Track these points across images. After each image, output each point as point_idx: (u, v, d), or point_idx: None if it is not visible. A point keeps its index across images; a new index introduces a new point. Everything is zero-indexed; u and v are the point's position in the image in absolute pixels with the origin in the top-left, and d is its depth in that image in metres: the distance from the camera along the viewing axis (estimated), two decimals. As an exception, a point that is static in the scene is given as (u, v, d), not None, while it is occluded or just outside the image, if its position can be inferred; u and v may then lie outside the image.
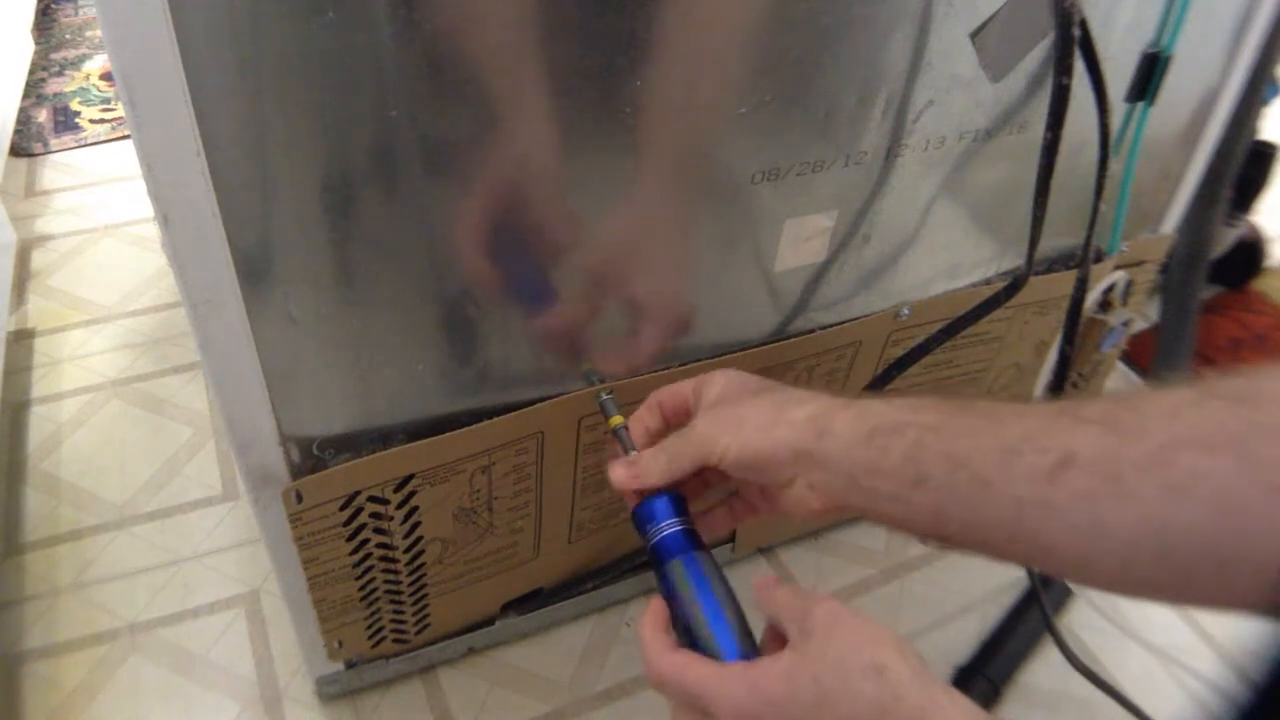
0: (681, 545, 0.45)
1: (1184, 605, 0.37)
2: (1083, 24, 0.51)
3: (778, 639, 0.42)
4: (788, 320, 0.69)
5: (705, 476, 0.50)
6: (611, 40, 0.48)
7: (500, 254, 0.55)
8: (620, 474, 0.50)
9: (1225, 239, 1.16)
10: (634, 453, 0.51)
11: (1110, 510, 0.35)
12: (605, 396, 0.60)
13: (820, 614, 0.39)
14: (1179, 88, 0.70)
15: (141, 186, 0.45)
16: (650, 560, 0.46)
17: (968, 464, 0.39)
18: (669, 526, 0.46)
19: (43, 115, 1.47)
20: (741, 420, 0.46)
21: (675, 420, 0.52)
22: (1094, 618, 0.87)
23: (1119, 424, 0.36)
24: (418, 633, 0.76)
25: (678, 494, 0.48)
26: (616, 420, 0.55)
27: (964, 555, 0.44)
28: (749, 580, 0.44)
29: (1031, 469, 0.37)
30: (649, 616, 0.44)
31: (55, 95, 1.52)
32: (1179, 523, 0.34)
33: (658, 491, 0.48)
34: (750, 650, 0.42)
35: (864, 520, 0.44)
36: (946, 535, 0.41)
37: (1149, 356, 1.06)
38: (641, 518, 0.47)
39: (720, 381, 0.50)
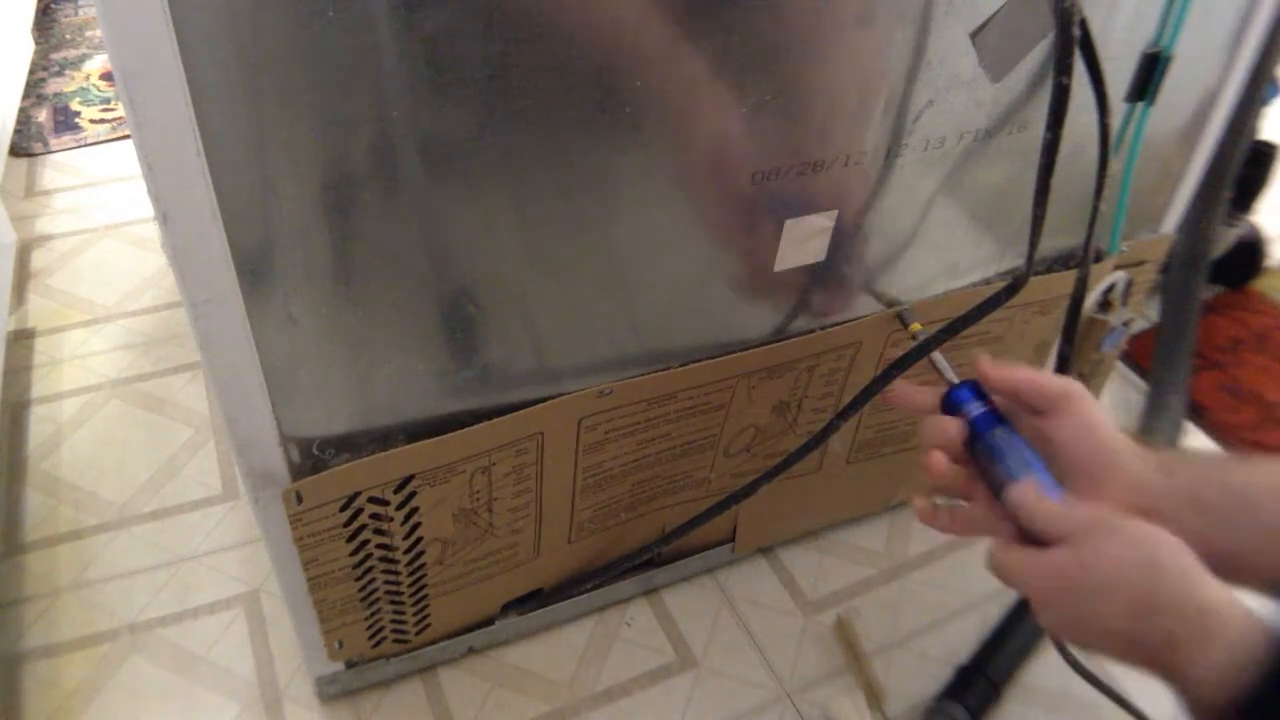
0: (994, 420, 0.54)
1: None
2: (1083, 24, 0.51)
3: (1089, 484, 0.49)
4: (788, 320, 0.69)
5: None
6: (610, 40, 0.48)
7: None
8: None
9: (1225, 239, 1.16)
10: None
11: None
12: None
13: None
14: (1179, 88, 0.70)
15: (141, 186, 0.45)
16: (971, 433, 0.54)
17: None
18: (979, 407, 0.55)
19: (43, 115, 1.47)
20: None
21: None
22: (1094, 618, 0.87)
23: None
24: (418, 633, 0.76)
25: (977, 382, 0.56)
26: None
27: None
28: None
29: None
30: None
31: (55, 95, 1.52)
32: None
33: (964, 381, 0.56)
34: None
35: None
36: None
37: (1149, 356, 1.06)
38: (954, 400, 0.56)
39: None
